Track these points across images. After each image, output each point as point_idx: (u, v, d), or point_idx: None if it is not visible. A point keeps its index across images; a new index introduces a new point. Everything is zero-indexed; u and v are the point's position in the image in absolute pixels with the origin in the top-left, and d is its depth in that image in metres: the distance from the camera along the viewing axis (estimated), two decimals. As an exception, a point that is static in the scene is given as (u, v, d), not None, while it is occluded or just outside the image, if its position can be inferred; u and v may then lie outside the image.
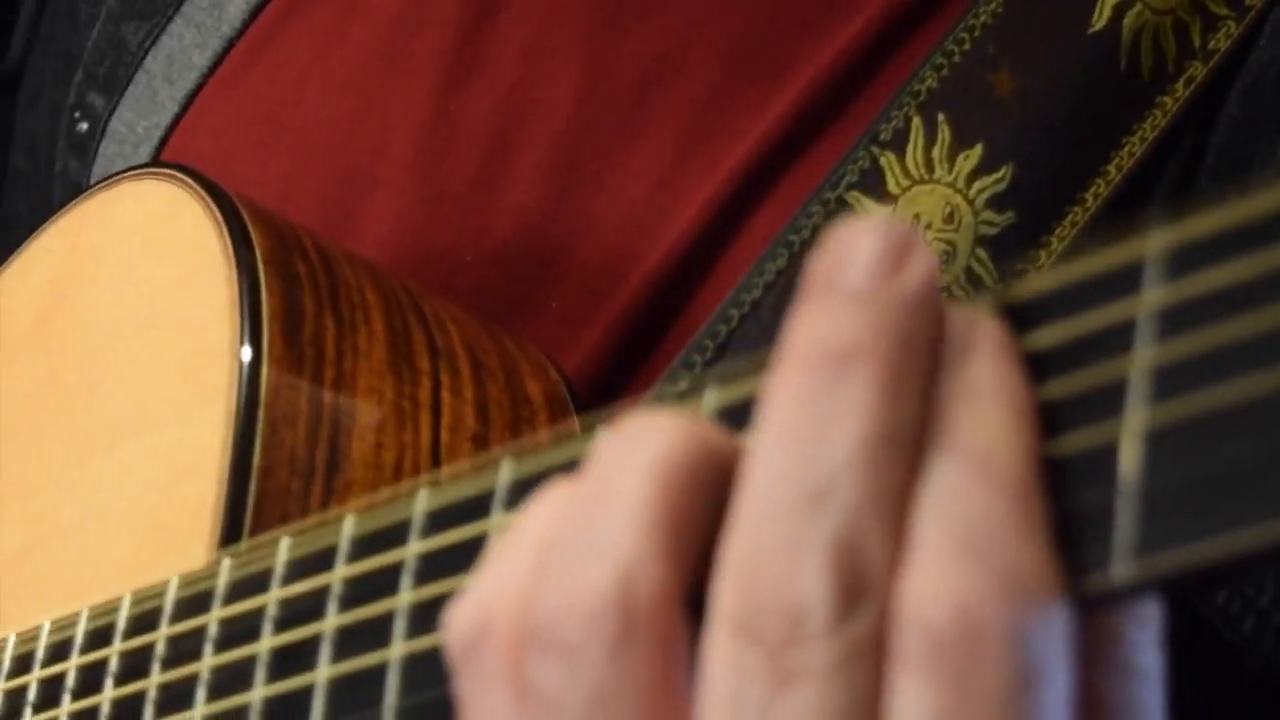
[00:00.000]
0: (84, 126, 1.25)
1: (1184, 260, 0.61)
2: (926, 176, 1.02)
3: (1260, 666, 0.99)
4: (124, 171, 1.07)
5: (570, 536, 0.65)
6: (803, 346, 0.64)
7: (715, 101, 1.09)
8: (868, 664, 0.62)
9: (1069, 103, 1.02)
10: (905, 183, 1.02)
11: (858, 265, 0.64)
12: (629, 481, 0.65)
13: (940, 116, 1.03)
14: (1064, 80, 1.03)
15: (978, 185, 1.02)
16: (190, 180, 1.01)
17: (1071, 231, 1.02)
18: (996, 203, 1.02)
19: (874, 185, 1.03)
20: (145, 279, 1.02)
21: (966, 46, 1.03)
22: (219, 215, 0.99)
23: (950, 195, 1.02)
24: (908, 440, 0.63)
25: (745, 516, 0.64)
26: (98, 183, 1.08)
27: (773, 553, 0.63)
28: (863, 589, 0.62)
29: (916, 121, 1.03)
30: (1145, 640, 0.67)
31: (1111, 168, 1.02)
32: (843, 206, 1.03)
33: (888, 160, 1.03)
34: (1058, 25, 1.04)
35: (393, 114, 1.14)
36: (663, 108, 1.09)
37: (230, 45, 1.20)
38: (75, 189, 1.25)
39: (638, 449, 0.66)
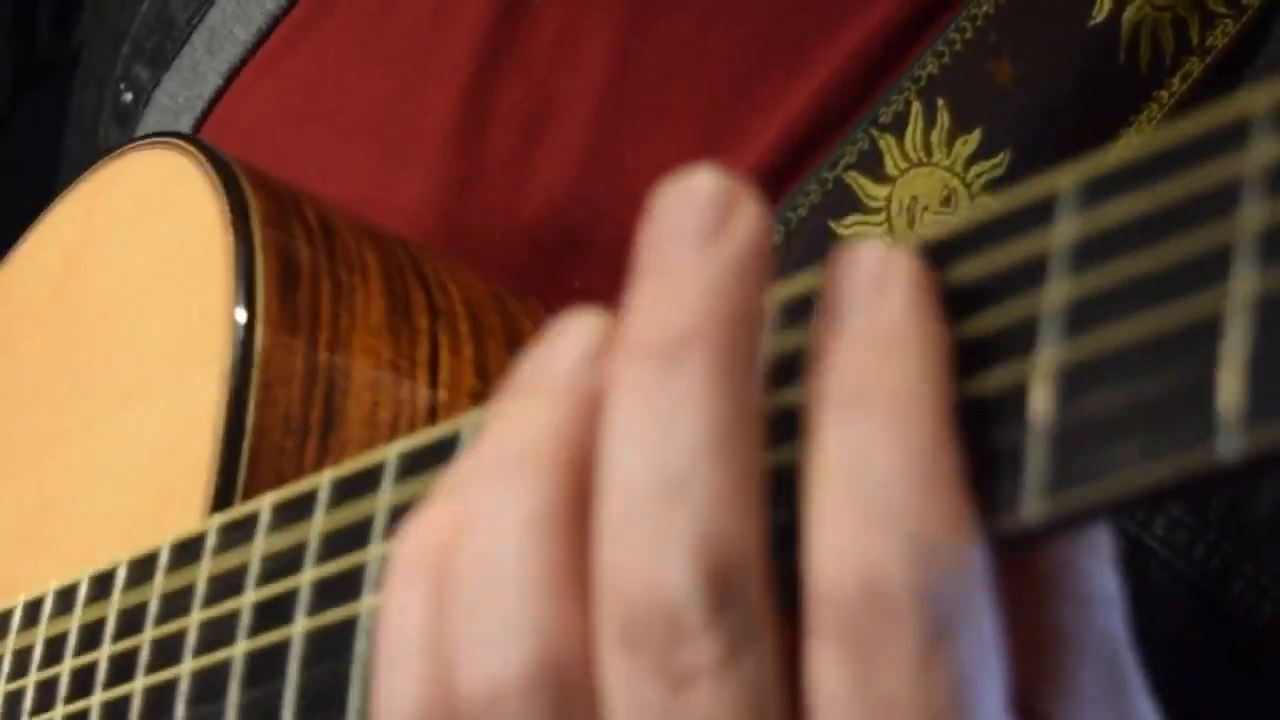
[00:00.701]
0: (129, 97, 1.26)
1: (1095, 191, 0.60)
2: (925, 160, 1.02)
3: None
4: (133, 141, 1.07)
5: (465, 609, 0.64)
6: (632, 340, 0.63)
7: (739, 90, 1.09)
8: (759, 651, 0.61)
9: (1068, 92, 1.02)
10: (904, 165, 1.02)
11: (679, 237, 0.63)
12: (509, 549, 0.63)
13: (940, 101, 1.03)
14: (1063, 70, 1.03)
15: (975, 170, 1.02)
16: (192, 147, 1.01)
17: None
18: (994, 187, 1.02)
19: (872, 166, 1.02)
20: (149, 245, 1.02)
21: (969, 35, 1.03)
22: (218, 180, 0.99)
23: (948, 179, 1.02)
24: (757, 416, 0.61)
25: (607, 525, 0.62)
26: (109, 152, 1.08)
27: (637, 555, 0.61)
28: (732, 578, 0.60)
29: (916, 106, 1.03)
30: (1097, 567, 0.65)
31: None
32: (840, 186, 1.03)
33: (887, 143, 1.03)
34: (1059, 16, 1.04)
35: (429, 95, 1.14)
36: (688, 95, 1.10)
37: (275, 22, 1.21)
38: None
39: (505, 506, 0.64)
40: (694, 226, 0.63)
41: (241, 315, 0.94)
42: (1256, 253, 0.55)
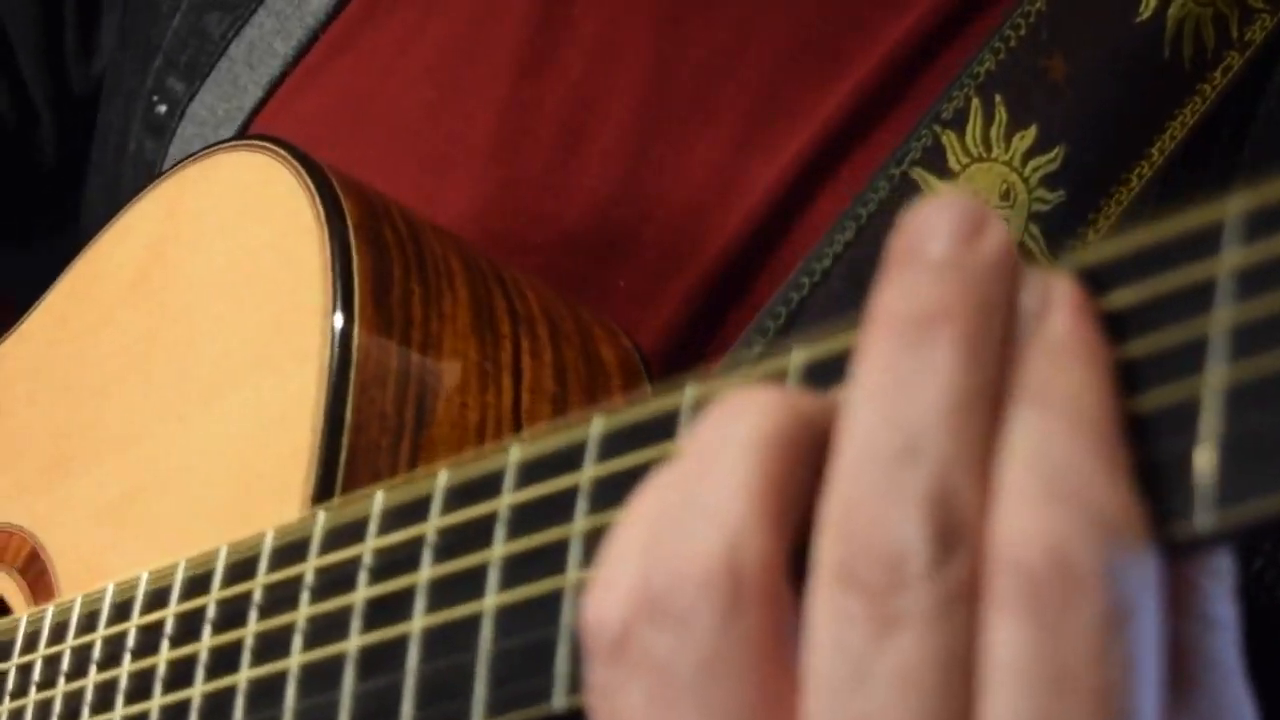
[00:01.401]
0: (162, 109, 1.26)
1: (1261, 222, 0.61)
2: (985, 155, 1.03)
3: None
4: (220, 143, 1.07)
5: (677, 512, 0.66)
6: (889, 312, 0.65)
7: (775, 91, 1.09)
8: (964, 609, 0.62)
9: (1117, 88, 1.03)
10: (965, 160, 1.03)
11: (938, 237, 0.65)
12: (730, 456, 0.65)
13: (997, 98, 1.03)
14: (1112, 66, 1.04)
15: (1032, 164, 1.03)
16: (284, 151, 1.02)
17: (1117, 210, 1.03)
18: (1049, 181, 1.03)
19: (936, 162, 1.03)
20: (240, 243, 1.02)
21: (1022, 32, 1.04)
22: (311, 184, 0.99)
23: (1006, 173, 1.03)
24: (990, 396, 0.63)
25: (842, 472, 0.64)
26: (186, 157, 1.08)
27: (869, 504, 0.63)
28: (957, 535, 0.62)
29: (976, 102, 1.04)
30: (1220, 592, 0.67)
31: (1154, 150, 1.03)
32: (907, 182, 1.04)
33: (949, 138, 1.03)
34: (1107, 14, 1.05)
35: (470, 103, 1.14)
36: (725, 97, 1.10)
37: (314, 36, 1.21)
38: (148, 168, 1.26)
39: (736, 424, 0.66)
40: (953, 229, 0.64)
41: (340, 316, 0.94)
42: None
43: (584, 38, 1.14)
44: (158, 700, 0.91)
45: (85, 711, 0.95)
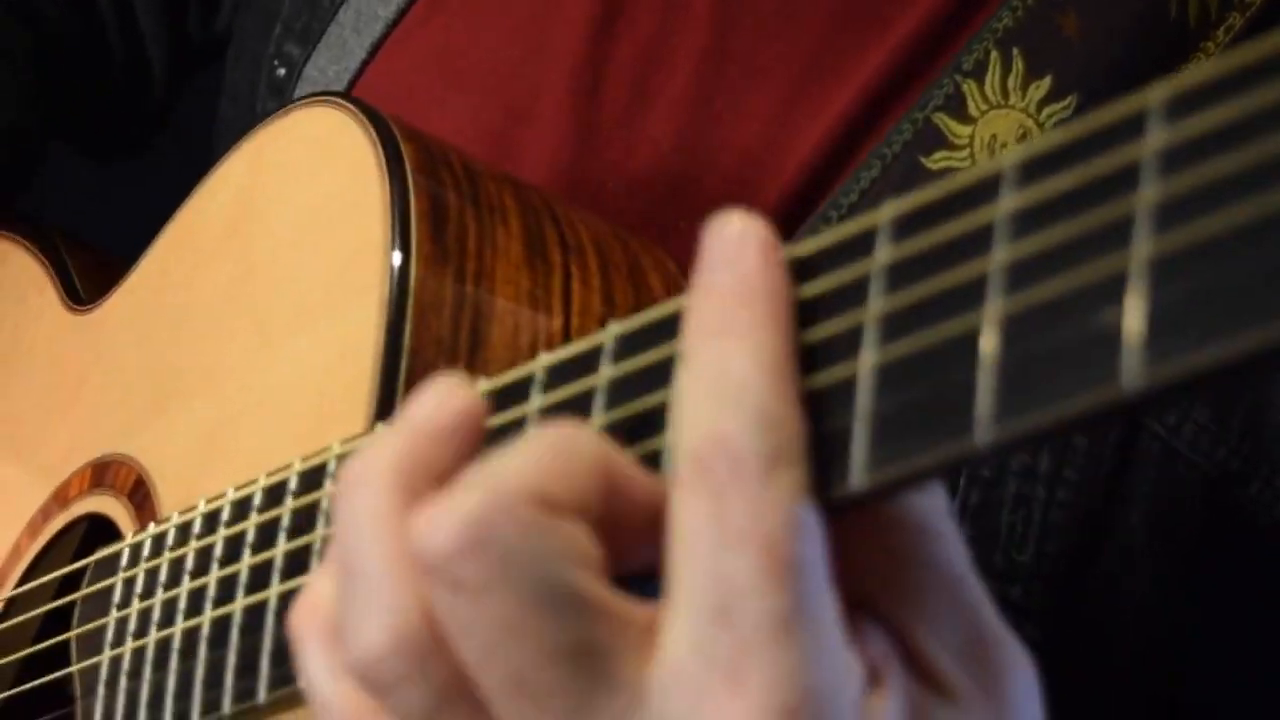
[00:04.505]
0: (282, 72, 1.27)
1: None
2: (1002, 102, 1.03)
3: None
4: (296, 101, 1.07)
5: (348, 601, 0.70)
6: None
7: (824, 50, 1.10)
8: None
9: (1126, 43, 1.03)
10: (984, 107, 1.03)
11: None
12: (364, 533, 0.69)
13: (1015, 51, 1.03)
14: (1123, 23, 1.03)
15: (1047, 111, 1.03)
16: (350, 105, 1.02)
17: None
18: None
19: (957, 108, 1.03)
20: (312, 190, 1.02)
21: None
22: (374, 134, 0.99)
23: (1023, 119, 1.03)
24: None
25: None
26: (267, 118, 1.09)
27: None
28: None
29: (995, 54, 1.03)
30: (929, 503, 0.70)
31: None
32: (930, 126, 1.04)
33: (969, 87, 1.03)
34: None
35: (550, 60, 1.15)
36: (779, 55, 1.10)
37: (412, 1, 1.21)
38: None
39: (354, 500, 0.70)
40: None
41: (397, 252, 0.94)
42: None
43: (652, 1, 1.13)
44: (240, 602, 0.91)
45: (179, 618, 0.96)
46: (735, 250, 0.68)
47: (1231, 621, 1.01)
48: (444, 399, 0.71)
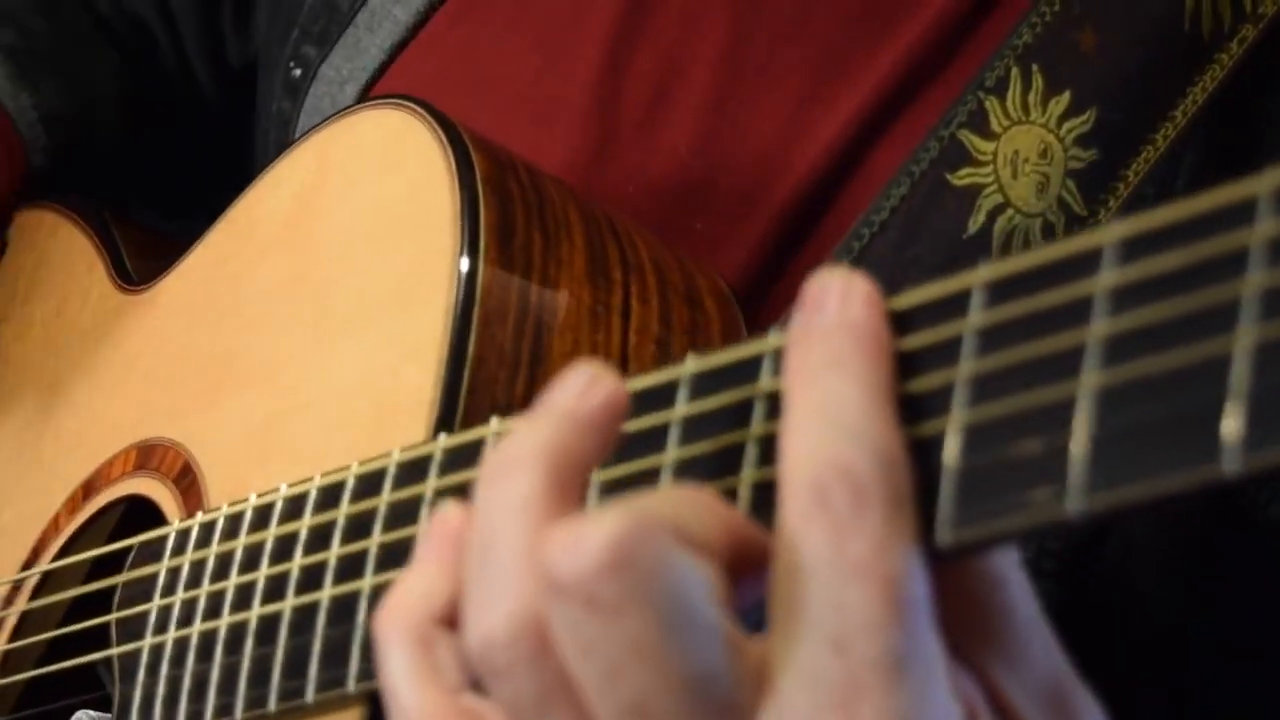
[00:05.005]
0: (297, 73, 1.28)
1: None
2: (1024, 118, 1.04)
3: None
4: (366, 101, 1.07)
5: (477, 582, 0.71)
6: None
7: (835, 54, 1.11)
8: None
9: (1143, 57, 1.04)
10: (1006, 123, 1.04)
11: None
12: (506, 524, 0.70)
13: (1034, 67, 1.04)
14: (1139, 38, 1.04)
15: (1067, 126, 1.04)
16: (421, 109, 1.01)
17: (1145, 166, 1.04)
18: (1083, 141, 1.04)
19: (980, 125, 1.04)
20: (378, 192, 1.02)
21: (1056, 7, 1.05)
22: (444, 139, 0.99)
23: (1044, 134, 1.04)
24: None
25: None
26: (335, 113, 1.08)
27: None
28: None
29: (1015, 71, 1.04)
30: (999, 556, 0.71)
31: (1178, 113, 1.04)
32: (954, 143, 1.05)
33: (991, 104, 1.04)
34: None
35: (571, 68, 1.16)
36: (792, 60, 1.12)
37: (432, 8, 1.22)
38: (284, 126, 1.28)
39: (503, 488, 0.71)
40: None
41: (466, 259, 0.94)
42: None
43: (670, 9, 1.16)
44: (290, 601, 0.91)
45: (225, 611, 0.95)
46: (840, 296, 0.69)
47: (1234, 619, 1.02)
48: (590, 387, 0.71)
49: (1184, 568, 1.02)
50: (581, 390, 0.72)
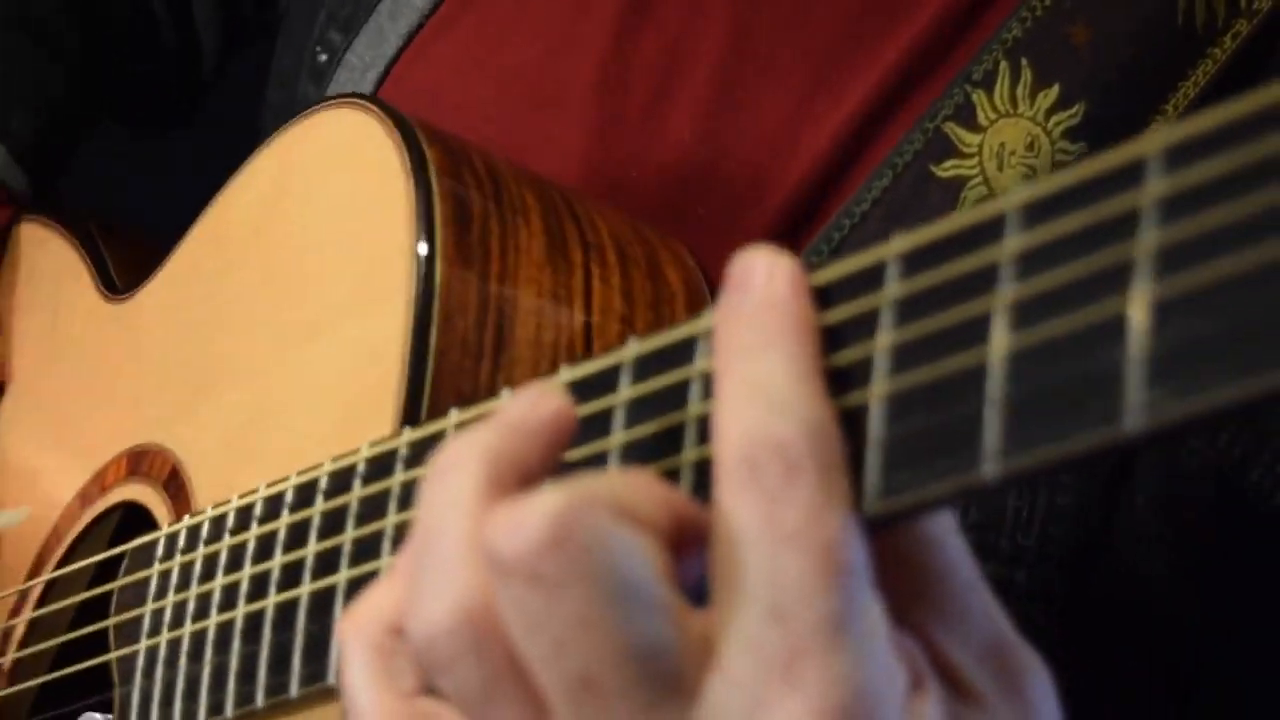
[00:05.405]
0: (323, 58, 1.29)
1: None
2: (1011, 111, 1.04)
3: None
4: (322, 101, 1.08)
5: (419, 575, 0.72)
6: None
7: (837, 48, 1.10)
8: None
9: (1134, 51, 1.03)
10: (993, 116, 1.04)
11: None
12: (448, 518, 0.71)
13: (1023, 61, 1.04)
14: (1131, 32, 1.03)
15: (1055, 119, 1.03)
16: (375, 107, 1.02)
17: None
18: (1071, 135, 1.03)
19: (967, 118, 1.04)
20: (337, 192, 1.03)
21: (1048, 2, 1.04)
22: (399, 135, 1.00)
23: (1031, 128, 1.03)
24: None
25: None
26: (301, 113, 1.10)
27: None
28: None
29: (1004, 65, 1.04)
30: (934, 518, 0.72)
31: (1169, 108, 1.03)
32: (939, 135, 1.05)
33: (979, 97, 1.04)
34: None
35: (577, 55, 1.16)
36: (794, 52, 1.11)
37: None
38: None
39: (446, 484, 0.72)
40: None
41: (423, 250, 0.95)
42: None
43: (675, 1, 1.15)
44: (272, 599, 0.93)
45: (214, 611, 0.97)
46: (764, 275, 0.70)
47: (1241, 608, 1.02)
48: (536, 401, 0.73)
49: (1190, 558, 1.02)
50: (528, 403, 0.73)
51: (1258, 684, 1.03)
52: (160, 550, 1.04)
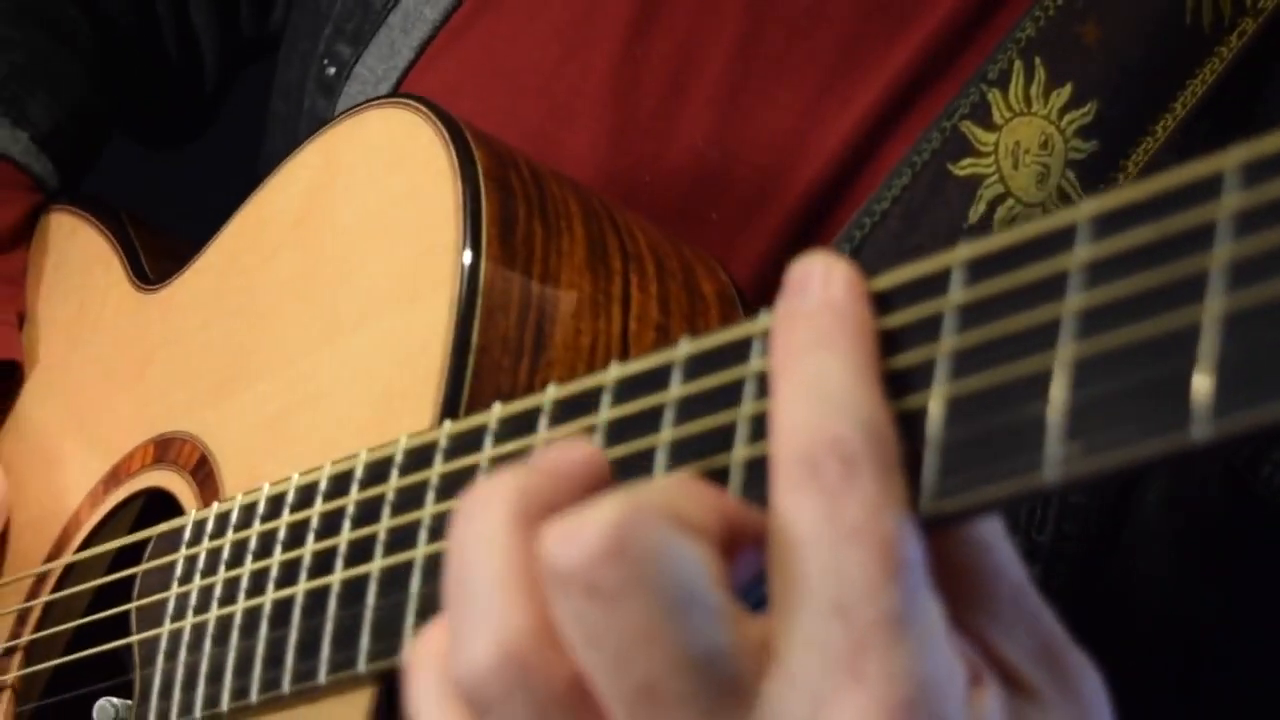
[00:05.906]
0: (331, 71, 1.29)
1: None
2: (1025, 110, 1.05)
3: None
4: (371, 100, 1.08)
5: (460, 616, 0.71)
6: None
7: (851, 49, 1.11)
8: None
9: (1144, 50, 1.04)
10: (1008, 114, 1.05)
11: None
12: (480, 554, 0.71)
13: (1037, 60, 1.05)
14: (1140, 31, 1.05)
15: (1068, 118, 1.04)
16: (425, 108, 1.03)
17: (1144, 157, 1.05)
18: (1083, 133, 1.04)
19: (983, 116, 1.05)
20: (385, 189, 1.03)
21: (1060, 1, 1.04)
22: (447, 136, 1.00)
23: (1045, 126, 1.04)
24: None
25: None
26: (345, 111, 1.10)
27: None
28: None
29: (1018, 64, 1.05)
30: (983, 522, 0.72)
31: (1178, 105, 1.04)
32: (956, 134, 1.05)
33: (994, 96, 1.05)
34: None
35: (589, 59, 1.17)
36: (806, 54, 1.12)
37: (458, 4, 1.23)
38: (320, 123, 1.29)
39: (476, 522, 0.71)
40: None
41: (468, 252, 0.95)
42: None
43: (685, 3, 1.16)
44: (303, 586, 0.93)
45: (241, 597, 0.97)
46: (822, 279, 0.70)
47: (1249, 605, 1.02)
48: (569, 447, 0.72)
49: (1199, 552, 1.02)
50: (559, 449, 0.73)
51: (1268, 681, 1.03)
52: (188, 535, 1.03)
